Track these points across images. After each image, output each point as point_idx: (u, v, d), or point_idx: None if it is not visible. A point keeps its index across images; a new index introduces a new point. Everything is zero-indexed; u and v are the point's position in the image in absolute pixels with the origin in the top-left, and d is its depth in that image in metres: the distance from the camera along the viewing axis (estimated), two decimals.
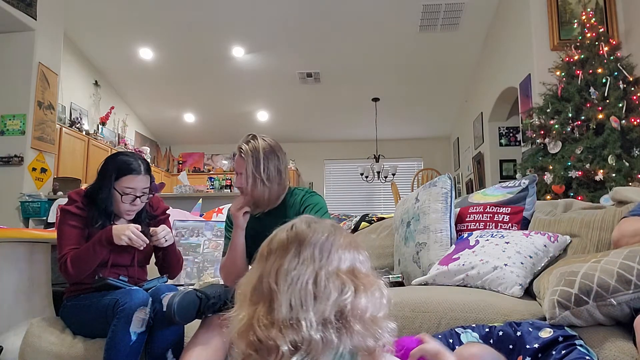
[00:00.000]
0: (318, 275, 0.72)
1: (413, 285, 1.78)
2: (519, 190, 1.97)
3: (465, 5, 5.24)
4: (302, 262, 0.73)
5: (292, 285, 0.71)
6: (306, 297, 0.70)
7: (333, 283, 0.72)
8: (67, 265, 1.58)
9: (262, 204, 1.65)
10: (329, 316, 0.70)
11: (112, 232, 1.59)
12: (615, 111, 3.22)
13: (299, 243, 0.75)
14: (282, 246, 0.76)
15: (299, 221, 0.80)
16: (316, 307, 0.70)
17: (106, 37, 6.01)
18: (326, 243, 0.76)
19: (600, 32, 3.59)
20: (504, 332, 1.18)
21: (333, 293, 0.71)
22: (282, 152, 1.67)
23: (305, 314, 0.69)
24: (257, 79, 6.84)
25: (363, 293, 0.73)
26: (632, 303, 1.09)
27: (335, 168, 9.05)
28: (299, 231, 0.77)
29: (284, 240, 0.77)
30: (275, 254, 0.76)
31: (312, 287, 0.71)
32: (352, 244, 0.79)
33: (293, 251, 0.75)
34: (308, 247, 0.75)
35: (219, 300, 1.39)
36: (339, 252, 0.76)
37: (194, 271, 2.46)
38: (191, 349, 1.33)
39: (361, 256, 0.79)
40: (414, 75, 6.74)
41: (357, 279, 0.74)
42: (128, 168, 1.69)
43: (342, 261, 0.75)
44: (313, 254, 0.74)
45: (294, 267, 0.73)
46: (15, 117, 4.43)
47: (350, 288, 0.72)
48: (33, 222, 4.41)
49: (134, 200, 1.71)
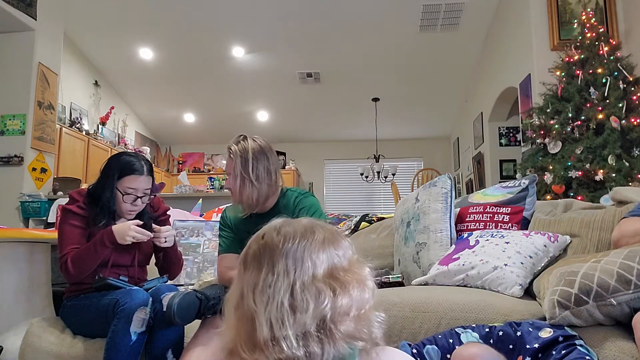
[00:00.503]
0: (294, 288, 0.71)
1: (413, 285, 1.78)
2: (519, 190, 1.97)
3: (465, 5, 5.24)
4: (277, 278, 0.72)
5: (269, 303, 0.71)
6: (283, 314, 0.70)
7: (309, 292, 0.71)
8: (68, 265, 1.59)
9: (252, 204, 1.65)
10: (309, 329, 0.69)
11: (114, 233, 1.59)
12: (615, 111, 3.22)
13: (270, 255, 0.74)
14: (256, 259, 0.76)
15: (269, 229, 0.79)
16: (296, 322, 0.69)
17: (106, 37, 6.01)
18: (298, 250, 0.74)
19: (600, 32, 3.59)
20: (504, 332, 1.18)
21: (310, 304, 0.70)
22: (272, 153, 1.67)
23: (285, 331, 0.69)
24: (257, 79, 6.84)
25: (342, 294, 0.72)
26: (632, 303, 1.09)
27: (335, 168, 9.05)
28: (269, 241, 0.76)
29: (256, 252, 0.76)
30: (250, 270, 0.75)
31: (288, 302, 0.70)
32: (327, 241, 0.77)
33: (266, 266, 0.73)
34: (280, 260, 0.73)
35: (219, 301, 1.38)
36: (312, 257, 0.74)
37: (194, 271, 2.46)
38: (191, 349, 1.33)
39: (339, 250, 0.77)
40: (414, 75, 6.74)
41: (335, 280, 0.73)
42: (131, 168, 1.69)
43: (317, 266, 0.74)
44: (286, 266, 0.73)
45: (269, 285, 0.72)
46: (15, 117, 4.43)
47: (327, 294, 0.71)
48: (33, 222, 4.41)
49: (135, 200, 1.71)
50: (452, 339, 1.21)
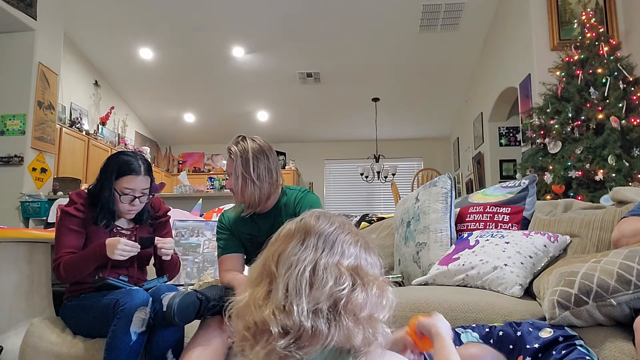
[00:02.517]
0: (317, 264, 0.72)
1: (413, 285, 1.78)
2: (519, 190, 1.97)
3: (465, 5, 5.24)
4: (305, 249, 0.74)
5: (290, 269, 0.72)
6: (302, 283, 0.71)
7: (331, 273, 0.72)
8: (60, 269, 1.61)
9: (254, 204, 1.66)
10: (322, 306, 0.70)
11: (106, 247, 1.59)
12: (615, 111, 3.22)
13: (304, 232, 0.76)
14: (288, 234, 0.78)
15: (309, 214, 0.81)
16: (311, 295, 0.70)
17: (106, 37, 6.01)
18: (331, 235, 0.76)
19: (600, 32, 3.59)
20: (504, 332, 1.18)
21: (329, 282, 0.71)
22: (272, 152, 1.67)
23: (299, 299, 0.69)
24: (257, 79, 6.84)
25: (361, 290, 0.72)
26: (632, 303, 1.09)
27: (335, 168, 9.05)
28: (307, 222, 0.78)
29: (291, 229, 0.78)
30: (280, 240, 0.78)
31: (309, 275, 0.71)
32: (361, 243, 0.78)
33: (297, 238, 0.76)
34: (313, 236, 0.75)
35: (219, 302, 1.39)
36: (343, 245, 0.76)
37: (194, 271, 2.46)
38: (191, 349, 1.33)
39: (370, 258, 0.78)
40: (414, 75, 6.74)
41: (358, 275, 0.74)
42: (128, 168, 1.69)
43: (346, 256, 0.75)
44: (316, 243, 0.74)
45: (294, 253, 0.73)
46: (15, 117, 4.43)
47: (348, 281, 0.72)
48: (33, 222, 4.41)
49: (133, 200, 1.71)
50: (452, 339, 1.21)
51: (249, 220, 1.71)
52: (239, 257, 1.73)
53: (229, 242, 1.73)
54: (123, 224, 1.79)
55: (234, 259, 1.71)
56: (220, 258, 1.73)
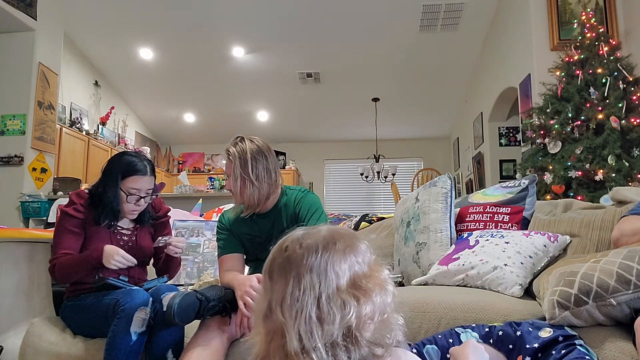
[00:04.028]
0: (320, 300, 0.75)
1: (413, 285, 1.78)
2: (519, 190, 1.97)
3: (465, 5, 5.24)
4: (304, 292, 0.76)
5: (297, 317, 0.74)
6: (312, 326, 0.74)
7: (335, 304, 0.75)
8: (55, 270, 1.62)
9: (253, 204, 1.66)
10: (337, 339, 0.73)
11: (103, 254, 1.59)
12: (615, 111, 3.22)
13: (296, 269, 0.78)
14: (281, 272, 0.79)
15: (292, 241, 0.82)
16: (323, 333, 0.73)
17: (106, 37, 6.01)
18: (321, 263, 0.77)
19: (600, 32, 3.59)
20: (503, 331, 1.18)
21: (337, 315, 0.74)
22: (271, 152, 1.68)
23: (314, 342, 0.73)
24: (257, 79, 6.84)
25: (366, 302, 0.75)
26: (631, 303, 1.09)
27: (335, 168, 9.05)
28: (292, 254, 0.79)
29: (280, 265, 0.80)
30: (276, 282, 0.79)
31: (316, 315, 0.74)
32: (347, 249, 0.80)
33: (292, 280, 0.77)
34: (305, 274, 0.77)
35: (219, 302, 1.39)
36: (335, 268, 0.77)
37: (194, 271, 2.46)
38: (191, 349, 1.33)
39: (359, 256, 0.80)
40: (414, 75, 6.74)
41: (358, 288, 0.77)
42: (134, 169, 1.70)
43: (340, 277, 0.77)
44: (311, 280, 0.76)
45: (296, 299, 0.76)
46: (15, 117, 4.43)
47: (352, 304, 0.75)
48: (33, 222, 4.41)
49: (139, 200, 1.72)
50: (452, 339, 1.21)
51: (249, 220, 1.71)
52: (239, 257, 1.73)
53: (229, 242, 1.73)
54: (124, 224, 1.79)
55: (234, 259, 1.71)
56: (220, 258, 1.73)
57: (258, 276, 1.44)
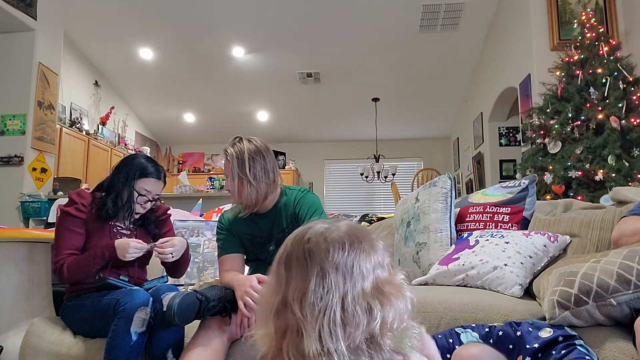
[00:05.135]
0: (345, 301, 0.70)
1: (413, 285, 1.78)
2: (519, 190, 1.97)
3: (465, 5, 5.24)
4: (327, 292, 0.70)
5: (320, 316, 0.69)
6: (335, 327, 0.68)
7: (360, 306, 0.70)
8: (63, 270, 1.61)
9: (251, 204, 1.66)
10: (360, 344, 0.68)
11: (116, 249, 1.60)
12: (615, 111, 3.22)
13: (320, 267, 0.72)
14: (301, 265, 0.73)
15: (314, 234, 0.76)
16: (347, 336, 0.68)
17: (106, 37, 6.01)
18: (348, 262, 0.72)
19: (600, 32, 3.59)
20: (503, 332, 1.18)
21: (362, 319, 0.69)
22: (269, 152, 1.68)
23: (336, 344, 0.68)
24: (257, 79, 6.84)
25: (389, 307, 0.71)
26: (631, 303, 1.09)
27: (335, 168, 9.05)
28: (316, 248, 0.74)
29: (301, 257, 0.74)
30: (296, 278, 0.73)
31: (340, 315, 0.69)
32: (371, 248, 0.76)
33: (315, 276, 0.71)
34: (331, 271, 0.71)
35: (219, 302, 1.39)
36: (360, 268, 0.72)
37: (194, 271, 2.46)
38: (191, 349, 1.33)
39: (378, 256, 0.76)
40: (414, 75, 6.74)
41: (381, 293, 0.72)
42: (149, 171, 1.75)
43: (366, 278, 0.72)
44: (337, 279, 0.71)
45: (320, 297, 0.70)
46: (15, 117, 4.43)
47: (377, 307, 0.70)
48: (33, 222, 4.42)
49: (146, 202, 1.75)
50: (452, 339, 1.21)
51: (249, 220, 1.71)
52: (239, 257, 1.73)
53: (229, 242, 1.74)
54: (123, 224, 1.79)
55: (234, 259, 1.71)
56: (220, 258, 1.73)
57: (258, 276, 1.45)
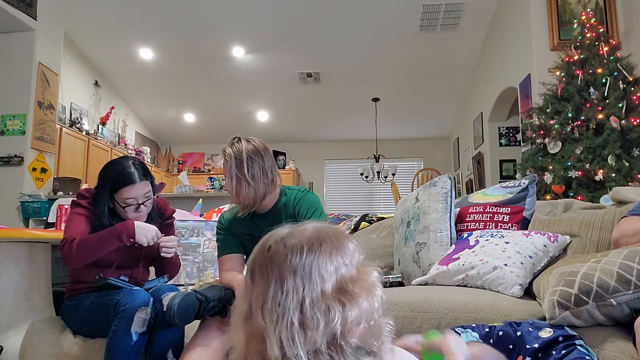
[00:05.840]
0: (303, 305, 0.70)
1: (413, 285, 1.78)
2: (519, 190, 1.97)
3: (465, 5, 5.24)
4: (286, 295, 0.71)
5: (279, 322, 0.70)
6: (293, 333, 0.69)
7: (319, 309, 0.70)
8: (72, 247, 1.54)
9: (249, 204, 1.66)
10: (320, 347, 0.68)
11: (135, 229, 1.58)
12: (615, 111, 3.22)
13: (278, 270, 0.73)
14: (263, 273, 0.74)
15: (275, 240, 0.77)
16: (306, 340, 0.68)
17: (106, 37, 6.01)
18: (306, 265, 0.72)
19: (600, 32, 3.59)
20: (504, 332, 1.18)
21: (321, 321, 0.69)
22: (267, 152, 1.68)
23: (296, 350, 0.68)
24: (257, 79, 6.84)
25: (352, 307, 0.71)
26: (632, 303, 1.09)
27: (335, 168, 9.05)
28: (275, 254, 0.74)
29: (262, 265, 0.75)
30: (258, 283, 0.74)
31: (298, 320, 0.69)
32: (334, 250, 0.75)
33: (274, 282, 0.72)
34: (289, 276, 0.72)
35: (219, 302, 1.39)
36: (320, 271, 0.72)
37: (194, 271, 2.46)
38: (191, 349, 1.33)
39: (346, 258, 0.76)
40: (414, 75, 6.74)
41: (344, 293, 0.72)
42: (123, 179, 1.65)
43: (326, 280, 0.72)
44: (295, 283, 0.71)
45: (278, 303, 0.71)
46: (15, 117, 4.43)
47: (337, 309, 0.70)
48: (33, 222, 4.41)
49: (138, 207, 1.70)
50: None
51: (248, 220, 1.72)
52: (239, 258, 1.73)
53: (228, 242, 1.74)
54: None
55: (234, 259, 1.71)
56: (220, 258, 1.73)
57: None
